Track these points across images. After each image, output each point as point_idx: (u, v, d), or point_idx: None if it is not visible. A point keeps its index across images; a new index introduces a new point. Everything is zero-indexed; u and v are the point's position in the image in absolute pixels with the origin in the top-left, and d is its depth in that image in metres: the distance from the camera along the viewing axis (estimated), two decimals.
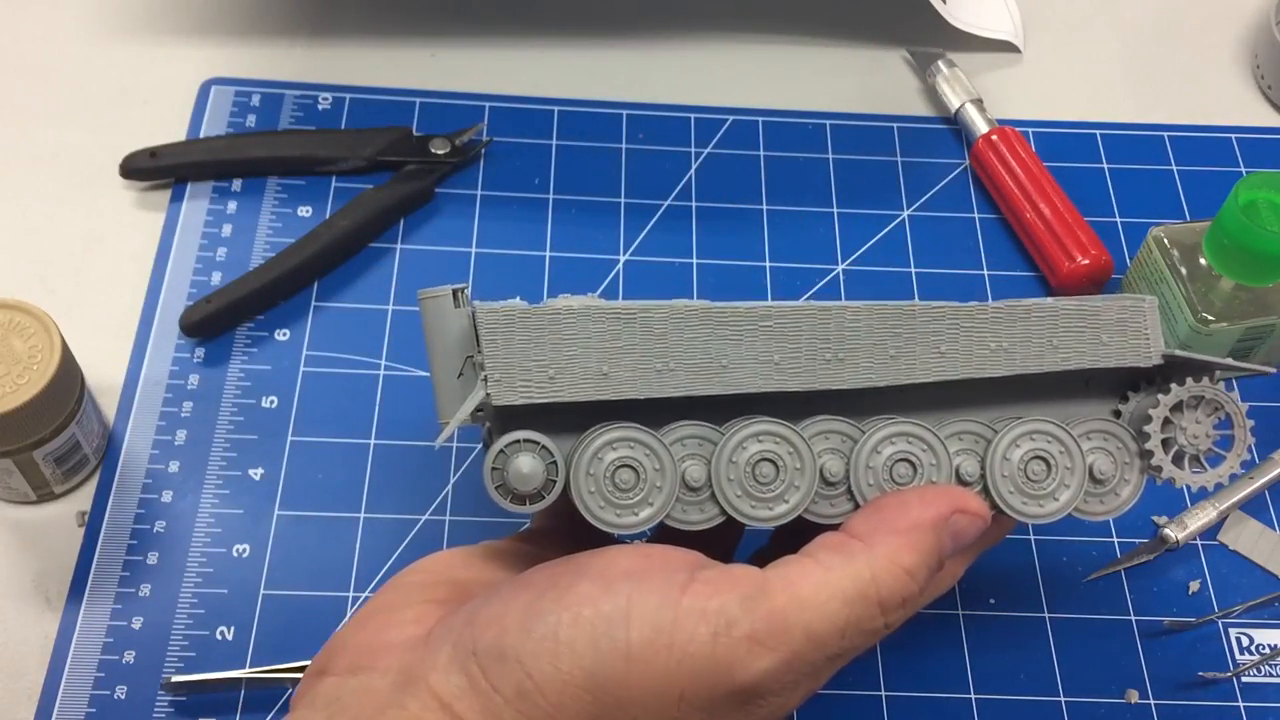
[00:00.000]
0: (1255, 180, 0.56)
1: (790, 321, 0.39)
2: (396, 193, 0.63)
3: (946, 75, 0.70)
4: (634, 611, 0.34)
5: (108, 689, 0.50)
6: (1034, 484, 0.41)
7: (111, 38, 0.70)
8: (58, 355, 0.51)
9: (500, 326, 0.38)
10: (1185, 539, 0.56)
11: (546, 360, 0.38)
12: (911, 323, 0.40)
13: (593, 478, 0.38)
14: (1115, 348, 0.41)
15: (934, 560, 0.38)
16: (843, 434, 0.40)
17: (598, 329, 0.38)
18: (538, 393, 0.38)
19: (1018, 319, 0.40)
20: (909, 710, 0.52)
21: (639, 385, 0.38)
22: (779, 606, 0.35)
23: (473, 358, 0.39)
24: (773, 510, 0.39)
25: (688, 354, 0.39)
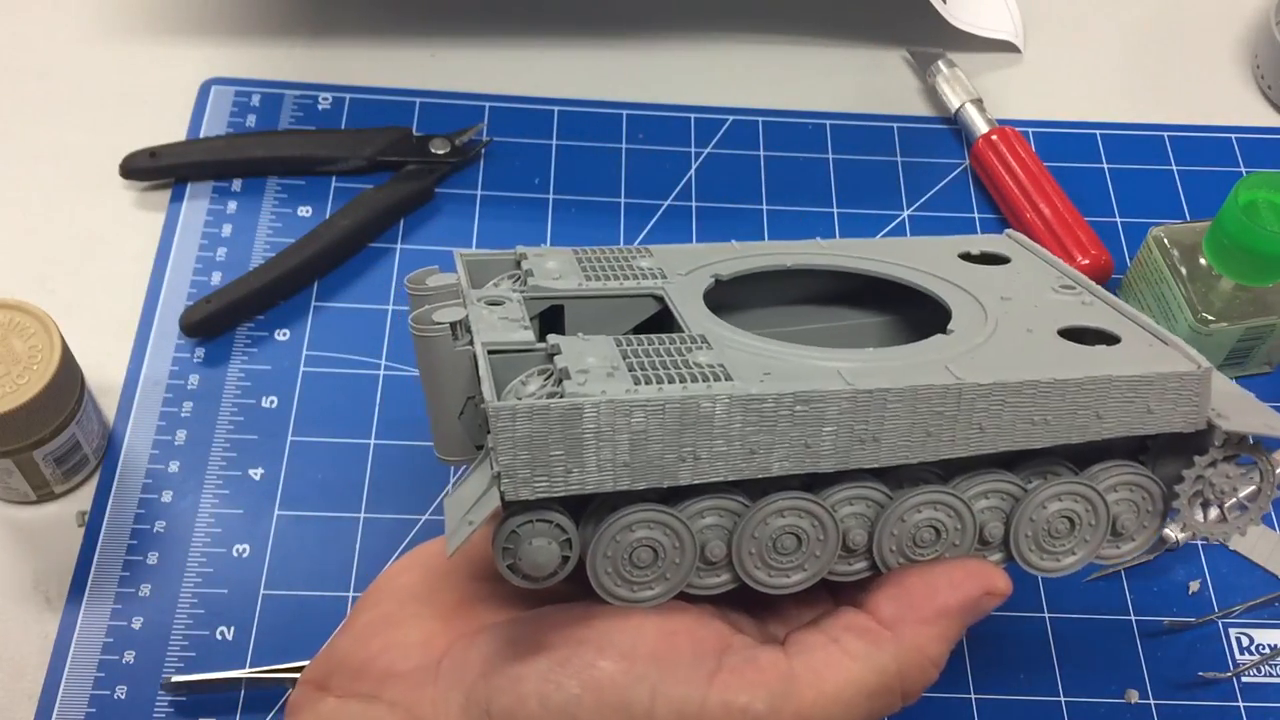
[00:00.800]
0: (1255, 180, 0.56)
1: (828, 407, 0.36)
2: (396, 193, 0.63)
3: (946, 75, 0.70)
4: (659, 703, 0.34)
5: (108, 689, 0.50)
6: (1054, 540, 0.40)
7: (111, 38, 0.70)
8: (58, 355, 0.51)
9: (518, 426, 0.34)
10: (1185, 539, 0.56)
11: (565, 455, 0.34)
12: (956, 403, 0.37)
13: (609, 559, 0.36)
14: (1163, 415, 0.39)
15: (956, 642, 0.37)
16: (869, 500, 0.38)
17: (622, 422, 0.34)
18: (554, 488, 0.35)
19: (1067, 394, 0.38)
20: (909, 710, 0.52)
21: (664, 475, 0.35)
22: (805, 706, 0.35)
23: (474, 399, 0.37)
24: (789, 579, 0.38)
25: (716, 443, 0.35)
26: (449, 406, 0.38)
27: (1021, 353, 0.39)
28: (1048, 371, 0.37)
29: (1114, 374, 0.38)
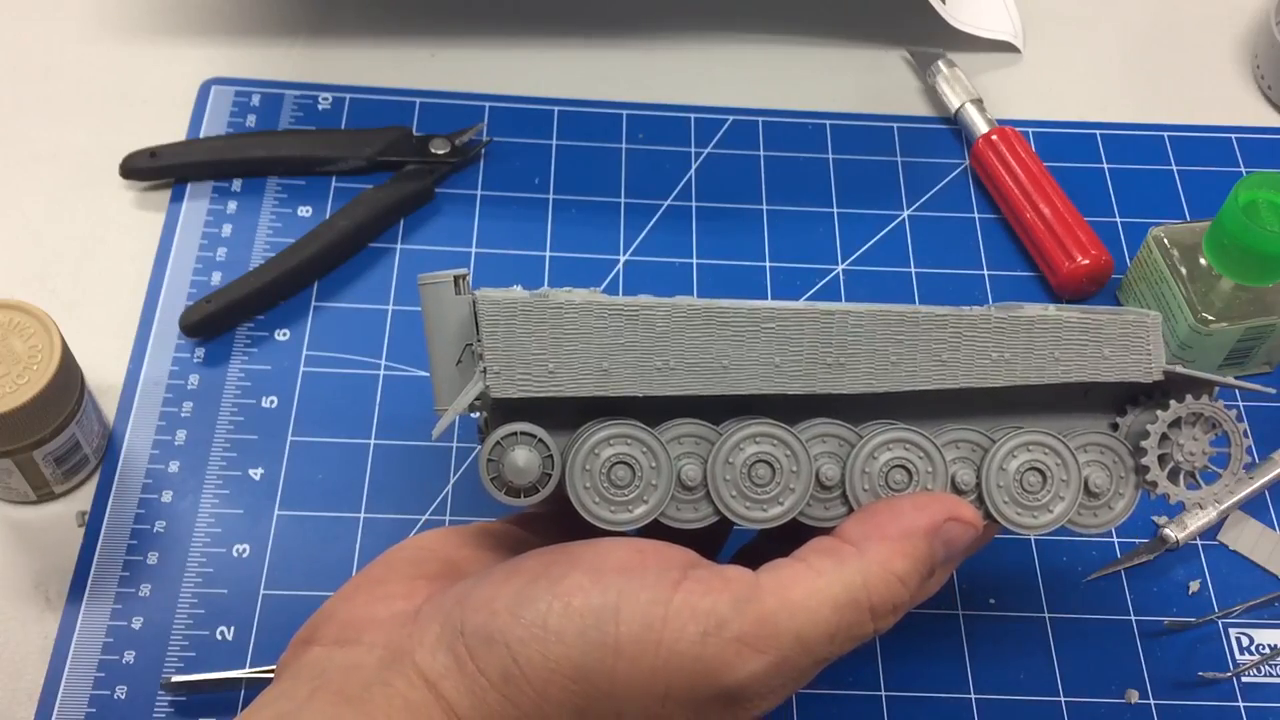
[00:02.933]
0: (1255, 180, 0.56)
1: (793, 324, 0.39)
2: (396, 193, 0.63)
3: (946, 75, 0.70)
4: (624, 606, 0.35)
5: (108, 689, 0.50)
6: (1029, 495, 0.41)
7: (111, 38, 0.70)
8: (58, 355, 0.51)
9: (501, 317, 0.37)
10: (1185, 539, 0.56)
11: (547, 354, 0.38)
12: (915, 329, 0.39)
13: (588, 473, 0.38)
14: (1117, 362, 0.41)
15: (925, 567, 0.38)
16: (840, 438, 0.40)
17: (600, 324, 0.38)
18: (536, 387, 0.38)
19: (1021, 329, 0.40)
20: (909, 710, 0.52)
21: (639, 383, 0.38)
22: (770, 610, 0.35)
23: (472, 346, 0.39)
24: (767, 512, 0.39)
25: (689, 353, 0.38)
26: (448, 354, 0.39)
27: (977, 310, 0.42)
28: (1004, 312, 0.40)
29: (1065, 314, 0.40)
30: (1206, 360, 0.59)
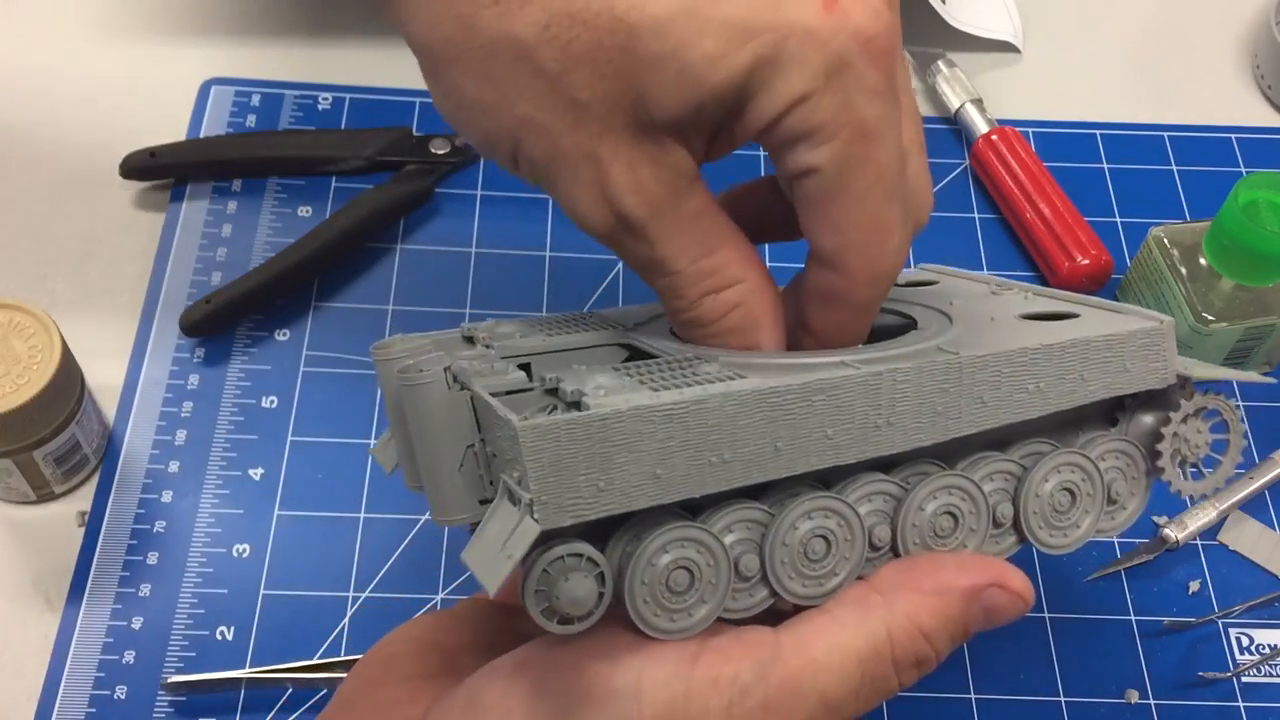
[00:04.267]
0: (1255, 180, 0.56)
1: (843, 392, 0.36)
2: (396, 193, 0.63)
3: (946, 75, 0.70)
4: (645, 686, 0.33)
5: (108, 689, 0.50)
6: (1060, 515, 0.40)
7: (111, 38, 0.70)
8: (58, 355, 0.51)
9: (546, 444, 0.32)
10: (1185, 539, 0.56)
11: (595, 472, 0.33)
12: (959, 377, 0.37)
13: (647, 586, 0.35)
14: (1138, 373, 0.40)
15: (958, 629, 0.36)
16: (886, 494, 0.38)
17: (649, 429, 0.33)
18: (587, 509, 0.33)
19: (1054, 358, 0.39)
20: (909, 710, 0.52)
21: (694, 483, 0.34)
22: (793, 672, 0.34)
23: (473, 447, 0.35)
24: (824, 587, 0.37)
25: (742, 442, 0.35)
26: (446, 460, 0.36)
27: (998, 332, 0.40)
28: (1034, 339, 0.39)
29: (1091, 335, 0.39)
30: (1206, 360, 0.59)
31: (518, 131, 0.36)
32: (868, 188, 0.36)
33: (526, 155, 0.36)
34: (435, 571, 0.54)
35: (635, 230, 0.36)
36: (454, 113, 0.38)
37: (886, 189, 0.36)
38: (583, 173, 0.36)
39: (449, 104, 0.37)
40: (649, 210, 0.36)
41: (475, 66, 0.36)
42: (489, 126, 0.37)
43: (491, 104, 0.36)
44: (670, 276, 0.37)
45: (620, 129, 0.35)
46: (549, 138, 0.35)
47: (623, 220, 0.36)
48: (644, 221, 0.36)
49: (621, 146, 0.35)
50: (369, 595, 0.53)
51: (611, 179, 0.36)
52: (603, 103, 0.35)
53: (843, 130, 0.35)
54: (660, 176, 0.36)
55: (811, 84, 0.34)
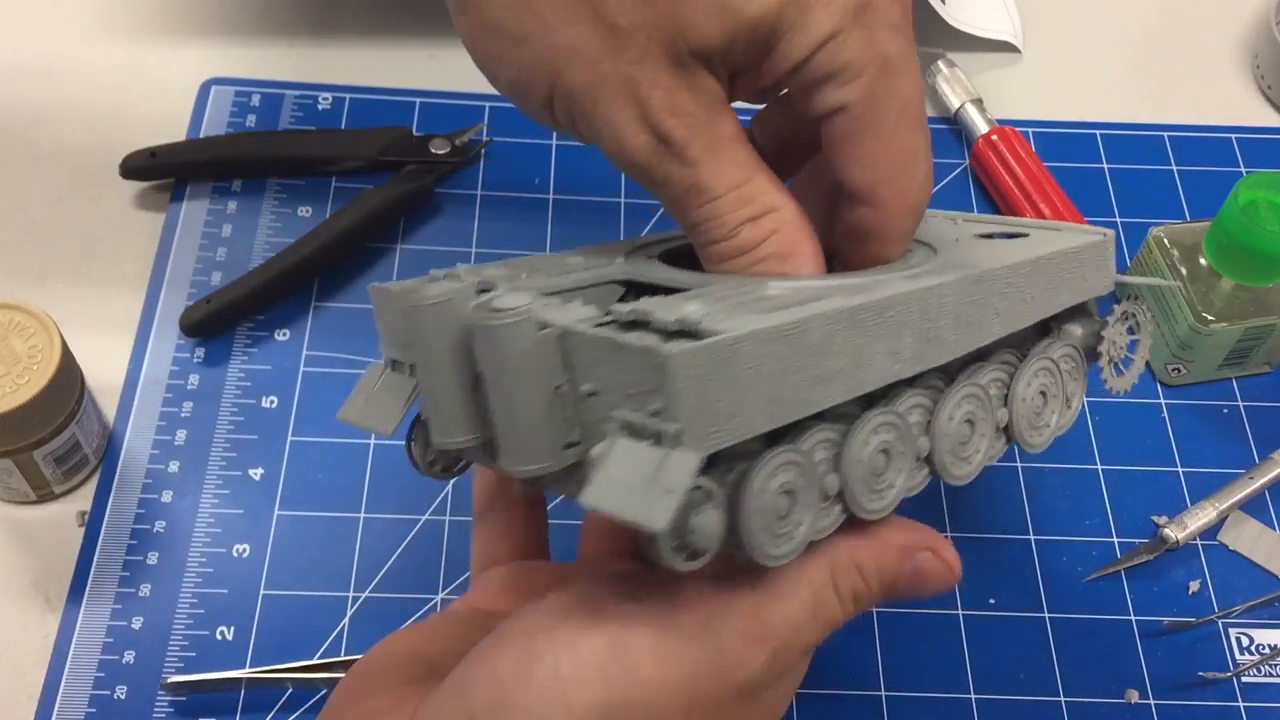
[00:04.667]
0: (1255, 180, 0.56)
1: (906, 310, 0.37)
2: (396, 193, 0.63)
3: (946, 75, 0.70)
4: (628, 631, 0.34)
5: (108, 689, 0.50)
6: (1037, 416, 0.42)
7: (111, 38, 0.70)
8: (58, 355, 0.51)
9: (693, 372, 0.31)
10: (1185, 539, 0.56)
11: (729, 399, 0.32)
12: (983, 290, 0.39)
13: (760, 513, 0.34)
14: (1093, 282, 0.43)
15: (889, 578, 0.37)
16: (923, 407, 0.39)
17: (766, 350, 0.33)
18: (724, 438, 0.32)
19: (1044, 270, 0.41)
20: (909, 710, 0.52)
21: (802, 405, 0.34)
22: (762, 600, 0.35)
23: (560, 388, 0.34)
24: (885, 499, 0.38)
25: (836, 361, 0.35)
26: (532, 404, 0.34)
27: (981, 252, 0.42)
28: (1028, 253, 0.41)
29: (1065, 248, 0.42)
30: (1207, 360, 0.59)
31: (557, 61, 0.36)
32: (895, 120, 0.37)
33: (565, 85, 0.37)
34: (435, 571, 0.54)
35: (677, 152, 0.37)
36: (488, 47, 0.38)
37: (912, 120, 0.38)
38: (624, 97, 0.36)
39: (484, 39, 0.38)
40: (689, 131, 0.37)
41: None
42: (526, 58, 0.37)
43: (531, 33, 0.36)
44: (711, 203, 0.38)
45: (658, 55, 0.36)
46: (590, 64, 0.36)
47: (665, 141, 0.37)
48: (686, 142, 0.37)
49: (661, 73, 0.36)
50: (369, 595, 0.53)
51: (653, 102, 0.36)
52: (641, 29, 0.35)
53: (869, 66, 0.37)
54: (697, 100, 0.37)
55: (840, 22, 0.36)
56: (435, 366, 0.35)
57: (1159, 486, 0.58)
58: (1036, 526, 0.57)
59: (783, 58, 0.37)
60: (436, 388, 0.36)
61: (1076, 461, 0.58)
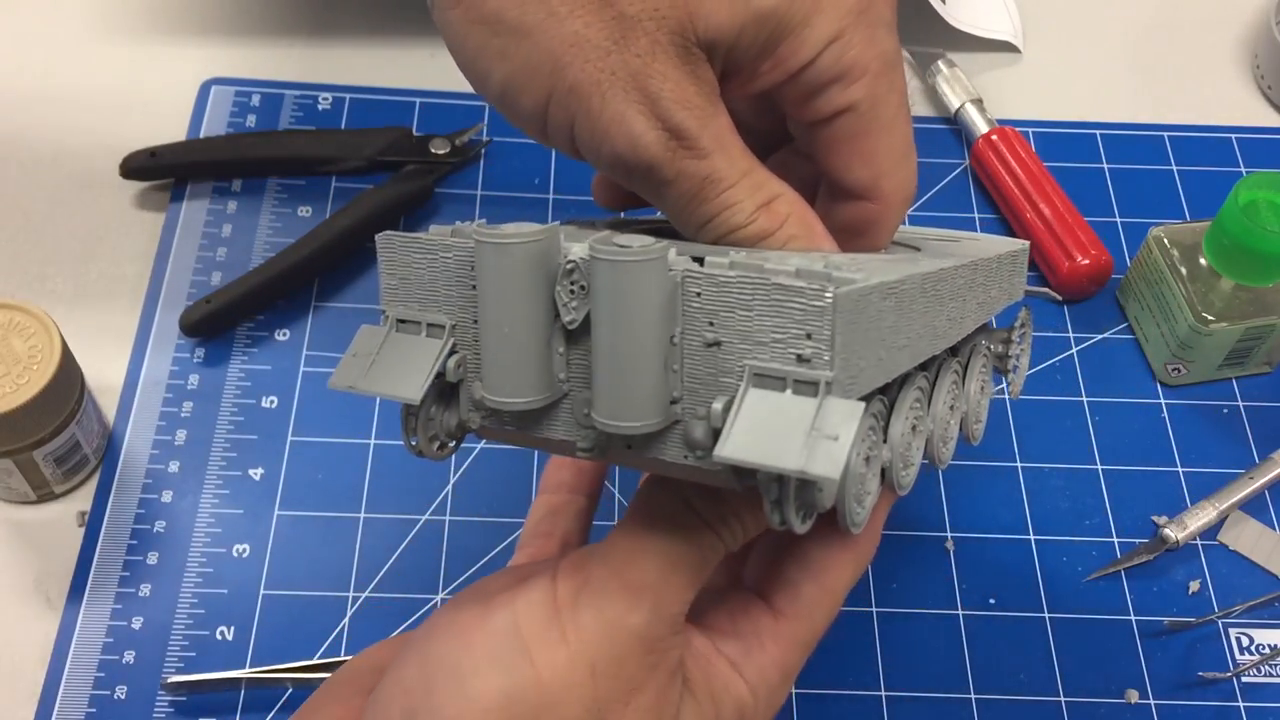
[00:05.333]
0: (1255, 180, 0.56)
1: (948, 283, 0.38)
2: (396, 193, 0.63)
3: (946, 75, 0.70)
4: (519, 611, 0.35)
5: (108, 689, 0.50)
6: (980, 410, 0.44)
7: (111, 38, 0.70)
8: (57, 355, 0.51)
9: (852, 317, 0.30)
10: (1185, 539, 0.56)
11: (872, 347, 0.32)
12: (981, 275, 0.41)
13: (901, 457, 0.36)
14: (1015, 285, 0.45)
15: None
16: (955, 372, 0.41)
17: (885, 307, 0.33)
18: (867, 384, 0.32)
19: (1005, 264, 0.43)
20: (909, 710, 0.52)
21: (892, 367, 0.34)
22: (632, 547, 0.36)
23: (673, 338, 0.32)
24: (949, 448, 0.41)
25: (917, 324, 0.36)
26: (651, 354, 0.32)
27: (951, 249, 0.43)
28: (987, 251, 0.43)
29: (1004, 251, 0.44)
30: (1207, 360, 0.59)
31: (561, 55, 0.35)
32: (893, 115, 0.38)
33: (569, 81, 0.35)
34: (435, 571, 0.54)
35: (690, 144, 0.36)
36: (481, 42, 0.36)
37: (906, 113, 0.39)
38: (633, 91, 0.35)
39: (478, 33, 0.35)
40: (699, 123, 0.36)
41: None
42: (525, 54, 0.35)
43: (536, 25, 0.35)
44: (726, 192, 0.37)
45: (665, 45, 0.35)
46: (597, 57, 0.35)
47: (677, 134, 0.36)
48: (698, 133, 0.36)
49: (670, 64, 0.35)
50: (369, 595, 0.53)
51: (663, 94, 0.35)
52: (651, 17, 0.35)
53: (872, 64, 0.37)
54: (702, 91, 0.36)
55: (844, 22, 0.36)
56: (511, 315, 0.33)
57: (1159, 486, 0.58)
58: (1036, 526, 0.57)
59: (789, 55, 0.36)
60: (509, 340, 0.33)
61: (1076, 461, 0.58)
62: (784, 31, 0.36)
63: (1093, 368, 0.61)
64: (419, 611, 0.53)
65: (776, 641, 0.38)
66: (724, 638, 0.38)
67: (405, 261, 0.35)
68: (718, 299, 0.31)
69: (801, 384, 0.30)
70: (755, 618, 0.38)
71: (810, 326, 0.30)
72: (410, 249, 0.34)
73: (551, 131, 0.36)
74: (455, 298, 0.34)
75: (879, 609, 0.54)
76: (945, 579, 0.55)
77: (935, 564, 0.55)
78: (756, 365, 0.31)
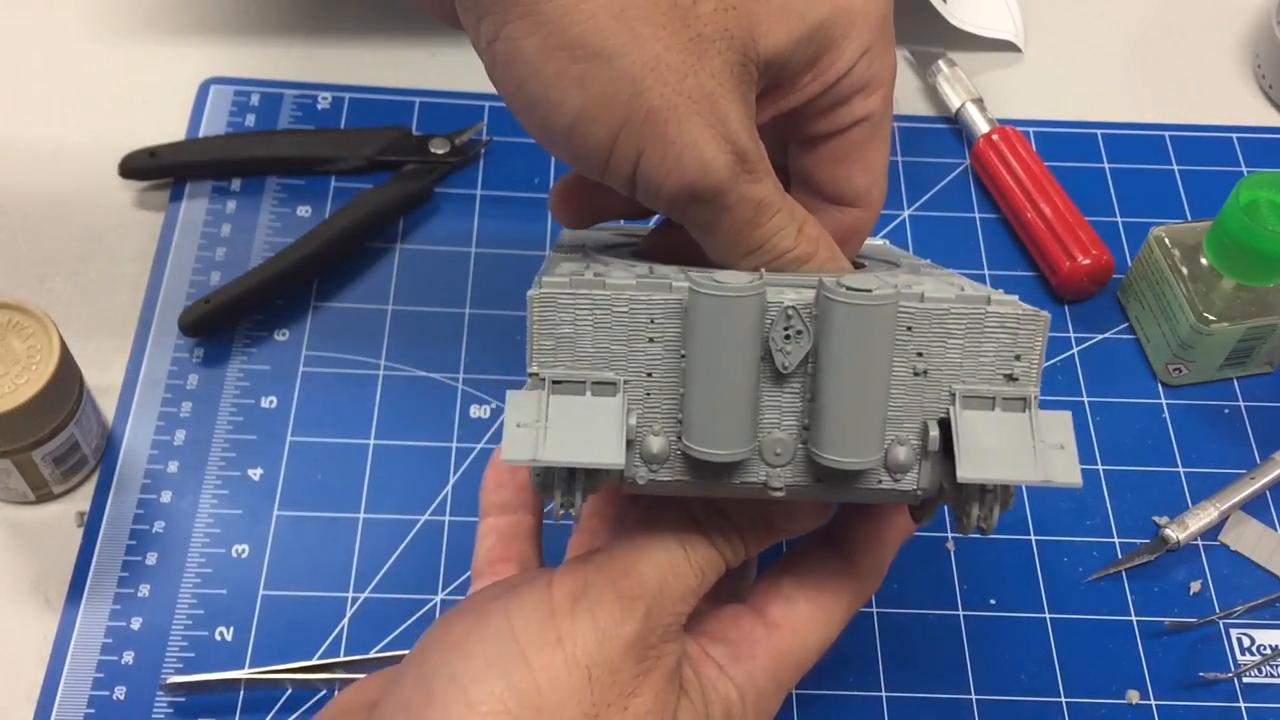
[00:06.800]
0: (1256, 180, 0.56)
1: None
2: (396, 192, 0.63)
3: (947, 75, 0.70)
4: (514, 618, 0.35)
5: (107, 689, 0.50)
6: None
7: (111, 38, 0.70)
8: (56, 355, 0.51)
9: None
10: (1186, 539, 0.56)
11: None
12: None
13: None
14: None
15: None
16: None
17: None
18: None
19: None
20: (909, 710, 0.52)
21: None
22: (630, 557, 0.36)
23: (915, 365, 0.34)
24: None
25: None
26: (878, 390, 0.33)
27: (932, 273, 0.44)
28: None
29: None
30: (1208, 360, 0.59)
31: (643, 79, 0.34)
32: (889, 126, 0.40)
33: (644, 106, 0.34)
34: (435, 571, 0.54)
35: (751, 166, 0.36)
36: (557, 71, 0.34)
37: (891, 124, 0.40)
38: (705, 114, 0.35)
39: (554, 62, 0.34)
40: (758, 144, 0.36)
41: (607, 5, 0.34)
42: (607, 79, 0.34)
43: (618, 49, 0.34)
44: (775, 217, 0.37)
45: (733, 66, 0.35)
46: (674, 81, 0.34)
47: (742, 158, 0.35)
48: (758, 156, 0.36)
49: (737, 86, 0.35)
50: (369, 596, 0.53)
51: (732, 117, 0.35)
52: (722, 37, 0.35)
53: (887, 76, 0.38)
54: (751, 113, 0.36)
55: (871, 37, 0.37)
56: (731, 365, 0.33)
57: (1160, 487, 0.58)
58: (1037, 527, 0.56)
59: (828, 67, 0.37)
60: (727, 390, 0.33)
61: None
62: (828, 45, 0.37)
63: (1093, 368, 0.61)
64: (419, 612, 0.53)
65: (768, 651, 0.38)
66: (713, 642, 0.39)
67: (568, 319, 0.33)
68: (929, 331, 0.33)
69: (1010, 400, 0.33)
70: (747, 627, 0.39)
71: (1022, 349, 0.33)
72: (577, 305, 0.33)
73: (614, 165, 0.36)
74: (624, 351, 0.34)
75: (879, 609, 0.54)
76: (946, 579, 0.55)
77: (936, 564, 0.55)
78: (965, 389, 0.33)
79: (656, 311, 0.33)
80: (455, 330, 0.60)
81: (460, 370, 0.59)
